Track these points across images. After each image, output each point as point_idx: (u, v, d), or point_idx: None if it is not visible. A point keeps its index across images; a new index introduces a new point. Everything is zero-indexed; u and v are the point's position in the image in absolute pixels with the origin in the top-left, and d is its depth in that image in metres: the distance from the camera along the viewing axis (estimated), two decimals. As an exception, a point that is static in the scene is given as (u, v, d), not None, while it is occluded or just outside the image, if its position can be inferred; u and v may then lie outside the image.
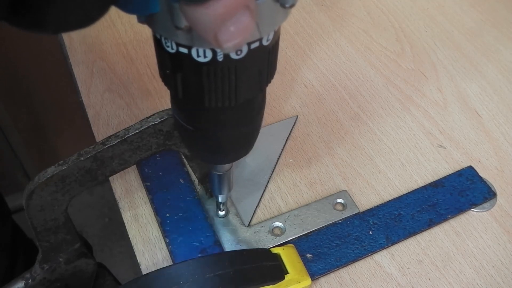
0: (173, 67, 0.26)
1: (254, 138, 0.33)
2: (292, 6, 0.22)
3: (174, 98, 0.30)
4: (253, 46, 0.24)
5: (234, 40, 0.20)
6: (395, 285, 0.39)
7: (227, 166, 0.36)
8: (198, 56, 0.24)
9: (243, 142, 0.32)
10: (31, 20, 0.19)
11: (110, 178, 0.44)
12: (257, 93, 0.28)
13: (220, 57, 0.24)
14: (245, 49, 0.24)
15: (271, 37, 0.25)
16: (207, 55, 0.24)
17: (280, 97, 0.52)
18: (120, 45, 0.56)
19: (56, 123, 1.16)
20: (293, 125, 0.49)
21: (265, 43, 0.25)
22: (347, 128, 0.49)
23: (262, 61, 0.26)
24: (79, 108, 0.52)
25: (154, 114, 0.35)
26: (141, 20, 0.24)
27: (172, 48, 0.24)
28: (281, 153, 0.46)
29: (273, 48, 0.26)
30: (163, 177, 0.44)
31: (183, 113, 0.30)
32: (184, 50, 0.24)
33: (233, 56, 0.24)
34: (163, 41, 0.25)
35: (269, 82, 0.28)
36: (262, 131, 0.48)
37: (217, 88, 0.26)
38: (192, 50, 0.24)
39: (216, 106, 0.27)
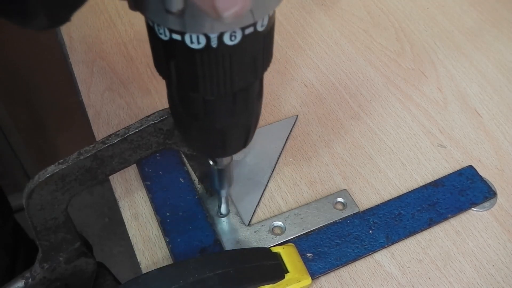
0: (167, 55, 0.25)
1: (252, 130, 0.32)
2: None
3: (169, 87, 0.30)
4: (247, 31, 0.24)
5: (232, 8, 0.19)
6: (395, 284, 0.39)
7: (226, 160, 0.35)
8: (191, 42, 0.24)
9: (242, 133, 0.32)
10: (17, 8, 0.19)
11: (110, 177, 0.44)
12: (253, 81, 0.28)
13: (214, 43, 0.24)
14: (239, 35, 0.24)
15: (265, 22, 0.24)
16: (200, 41, 0.23)
17: (280, 96, 0.52)
18: (120, 45, 0.56)
19: (56, 123, 1.16)
20: (293, 125, 0.49)
21: (259, 28, 0.24)
22: (347, 128, 0.49)
23: (257, 47, 0.25)
24: (79, 107, 0.52)
25: (154, 113, 0.35)
26: (132, 6, 0.23)
27: (165, 35, 0.24)
28: (281, 152, 0.46)
29: (268, 34, 0.26)
30: (163, 176, 0.44)
31: (180, 103, 0.29)
32: (177, 36, 0.24)
33: (227, 41, 0.24)
34: (156, 28, 0.24)
35: (265, 70, 0.28)
36: (262, 130, 0.48)
37: (211, 75, 0.25)
38: (186, 36, 0.23)
39: (212, 94, 0.26)
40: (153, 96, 0.51)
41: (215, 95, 0.26)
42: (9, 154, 1.14)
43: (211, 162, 0.36)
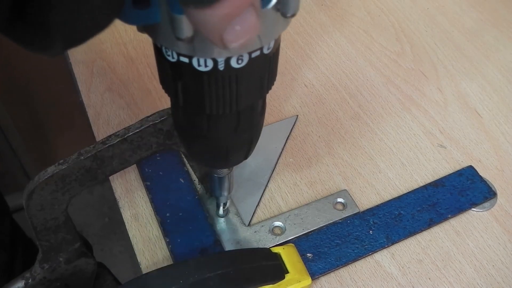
0: (174, 75, 0.26)
1: (254, 143, 0.33)
2: (293, 15, 0.22)
3: (174, 105, 0.30)
4: (254, 54, 0.24)
5: (240, 40, 0.20)
6: (395, 284, 0.39)
7: (227, 169, 0.36)
8: (199, 65, 0.24)
9: (244, 147, 0.32)
10: (35, 31, 0.18)
11: (110, 178, 0.44)
12: (258, 100, 0.28)
13: (221, 66, 0.24)
14: (246, 58, 0.24)
15: (272, 45, 0.25)
16: (208, 64, 0.24)
17: (280, 97, 0.52)
18: (120, 45, 0.56)
19: (56, 123, 1.16)
20: (293, 125, 0.49)
21: (266, 51, 0.25)
22: (347, 128, 0.49)
23: (263, 69, 0.26)
24: (79, 108, 0.52)
25: (154, 114, 0.35)
26: (141, 29, 0.24)
27: (173, 57, 0.24)
28: (281, 152, 0.46)
29: (274, 56, 0.26)
30: (163, 176, 0.44)
31: (184, 119, 0.30)
32: (185, 59, 0.24)
33: (234, 65, 0.24)
34: (164, 50, 0.24)
35: (270, 88, 0.28)
36: (262, 130, 0.48)
37: (218, 95, 0.26)
38: (193, 59, 0.24)
39: (217, 113, 0.27)
40: (153, 96, 0.51)
41: (220, 113, 0.27)
42: (9, 154, 1.14)
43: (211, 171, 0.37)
